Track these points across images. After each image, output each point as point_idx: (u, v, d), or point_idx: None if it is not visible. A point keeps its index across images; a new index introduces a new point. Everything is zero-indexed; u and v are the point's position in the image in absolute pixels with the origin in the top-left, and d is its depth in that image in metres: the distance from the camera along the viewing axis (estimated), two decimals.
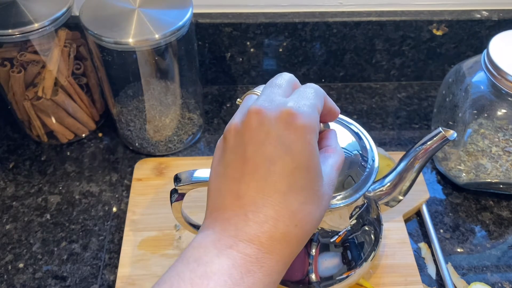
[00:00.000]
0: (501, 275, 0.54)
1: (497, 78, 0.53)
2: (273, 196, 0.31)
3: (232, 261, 0.30)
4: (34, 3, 0.57)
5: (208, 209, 0.34)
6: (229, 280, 0.29)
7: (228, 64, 0.73)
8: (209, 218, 0.33)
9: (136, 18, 0.55)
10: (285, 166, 0.31)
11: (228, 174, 0.33)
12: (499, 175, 0.58)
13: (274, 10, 0.69)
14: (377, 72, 0.76)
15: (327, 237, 0.44)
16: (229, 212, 0.32)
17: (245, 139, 0.32)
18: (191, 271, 0.30)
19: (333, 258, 0.45)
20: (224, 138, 0.34)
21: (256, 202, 0.31)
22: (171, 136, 0.65)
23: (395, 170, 0.45)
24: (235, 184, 0.32)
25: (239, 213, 0.31)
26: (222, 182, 0.33)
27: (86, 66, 0.64)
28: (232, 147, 0.33)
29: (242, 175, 0.32)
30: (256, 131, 0.32)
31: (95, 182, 0.62)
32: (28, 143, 0.67)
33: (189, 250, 0.32)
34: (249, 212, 0.31)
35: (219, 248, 0.31)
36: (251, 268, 0.30)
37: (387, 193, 0.46)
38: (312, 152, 0.32)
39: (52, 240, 0.57)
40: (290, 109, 0.31)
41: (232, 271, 0.29)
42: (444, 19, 0.69)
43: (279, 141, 0.31)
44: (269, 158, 0.31)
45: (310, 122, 0.32)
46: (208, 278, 0.29)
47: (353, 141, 0.44)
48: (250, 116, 0.32)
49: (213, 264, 0.30)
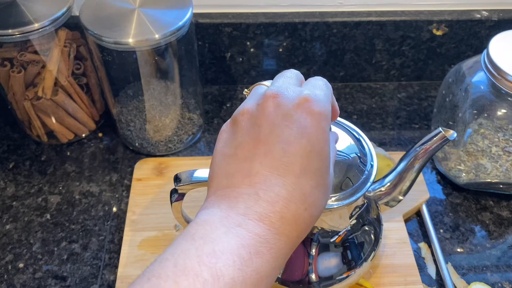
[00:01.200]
0: (501, 275, 0.54)
1: (497, 78, 0.53)
2: (286, 176, 0.31)
3: (241, 240, 0.29)
4: (34, 3, 0.57)
5: (212, 189, 0.33)
6: (238, 260, 0.28)
7: (228, 64, 0.73)
8: (213, 196, 0.32)
9: (136, 18, 0.55)
10: (301, 149, 0.31)
11: (239, 154, 0.32)
12: (499, 175, 0.58)
13: (274, 10, 0.69)
14: (377, 72, 0.76)
15: (327, 237, 0.44)
16: (238, 190, 0.31)
17: (260, 122, 0.32)
18: (197, 249, 0.28)
19: (333, 258, 0.45)
20: (235, 121, 0.34)
21: (269, 181, 0.30)
22: (171, 136, 0.65)
23: (395, 170, 0.45)
24: (246, 163, 0.31)
25: (250, 191, 0.30)
26: (231, 162, 0.32)
27: (86, 66, 0.64)
28: (245, 129, 0.32)
29: (254, 154, 0.31)
30: (273, 114, 0.32)
31: (95, 182, 0.62)
32: (28, 143, 0.67)
33: (193, 227, 0.30)
34: (260, 190, 0.30)
35: (227, 226, 0.29)
36: (260, 249, 0.29)
37: (387, 193, 0.46)
38: (326, 139, 0.32)
39: (52, 240, 0.57)
40: (307, 96, 0.32)
41: (241, 251, 0.28)
42: (444, 19, 0.69)
43: (296, 124, 0.31)
44: (284, 140, 0.31)
45: (326, 110, 0.32)
46: (216, 257, 0.27)
47: (351, 144, 0.44)
48: (267, 99, 0.32)
49: (221, 242, 0.28)
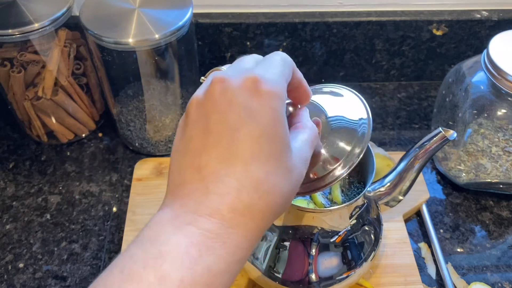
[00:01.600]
0: (501, 275, 0.54)
1: (497, 78, 0.53)
2: (236, 165, 0.29)
3: (190, 238, 0.27)
4: (34, 3, 0.57)
5: (168, 187, 0.31)
6: (186, 260, 0.26)
7: (228, 64, 0.73)
8: (169, 196, 0.30)
9: (136, 18, 0.55)
10: (249, 133, 0.29)
11: (189, 148, 0.30)
12: (499, 175, 0.58)
13: (274, 10, 0.69)
14: (377, 72, 0.76)
15: (327, 237, 0.44)
16: (189, 187, 0.29)
17: (208, 110, 0.30)
18: (144, 252, 0.27)
19: (333, 258, 0.45)
20: (186, 113, 0.32)
21: (218, 172, 0.29)
22: (171, 136, 0.65)
23: (395, 170, 0.45)
24: (196, 157, 0.30)
25: (199, 186, 0.29)
26: (182, 157, 0.30)
27: (86, 66, 0.64)
28: (194, 120, 0.31)
29: (204, 147, 0.30)
30: (219, 100, 0.30)
31: (95, 182, 0.62)
32: (28, 143, 0.67)
33: (145, 230, 0.29)
34: (210, 183, 0.29)
35: (176, 225, 0.28)
36: (212, 245, 0.27)
37: (387, 193, 0.46)
38: (278, 119, 0.30)
39: (52, 240, 0.57)
40: (254, 76, 0.30)
41: (190, 250, 0.27)
42: (444, 19, 0.69)
43: (243, 108, 0.29)
44: (232, 126, 0.29)
45: (276, 88, 0.30)
46: (162, 258, 0.26)
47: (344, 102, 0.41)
48: (213, 86, 0.30)
49: (168, 243, 0.27)
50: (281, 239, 0.44)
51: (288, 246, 0.44)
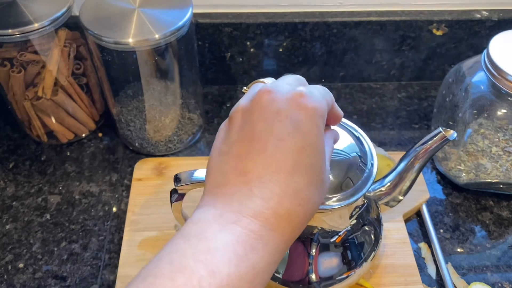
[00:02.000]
0: (501, 275, 0.54)
1: (497, 78, 0.53)
2: (279, 173, 0.31)
3: (236, 237, 0.29)
4: (34, 3, 0.57)
5: (207, 186, 0.33)
6: (233, 257, 0.28)
7: (228, 64, 0.73)
8: (209, 195, 0.32)
9: (136, 18, 0.55)
10: (294, 144, 0.31)
11: (233, 151, 0.32)
12: (499, 175, 0.58)
13: (274, 10, 0.69)
14: (377, 72, 0.76)
15: (327, 237, 0.44)
16: (233, 188, 0.31)
17: (254, 117, 0.32)
18: (192, 247, 0.28)
19: (333, 258, 0.45)
20: (230, 118, 0.34)
21: (262, 178, 0.31)
22: (171, 136, 0.65)
23: (395, 170, 0.45)
24: (240, 161, 0.32)
25: (244, 188, 0.31)
26: (226, 160, 0.32)
27: (86, 66, 0.64)
28: (239, 126, 0.33)
29: (248, 152, 0.31)
30: (266, 109, 0.32)
31: (95, 182, 0.62)
32: (28, 143, 0.67)
33: (188, 226, 0.30)
34: (254, 187, 0.30)
35: (222, 223, 0.29)
36: (255, 245, 0.29)
37: (387, 193, 0.46)
38: (320, 134, 0.32)
39: (52, 240, 0.57)
40: (301, 91, 0.32)
41: (236, 248, 0.28)
42: (444, 19, 0.69)
43: (289, 119, 0.31)
44: (278, 136, 0.31)
45: (320, 106, 0.32)
46: (211, 254, 0.28)
47: (352, 143, 0.44)
48: (261, 95, 0.32)
49: (216, 239, 0.28)
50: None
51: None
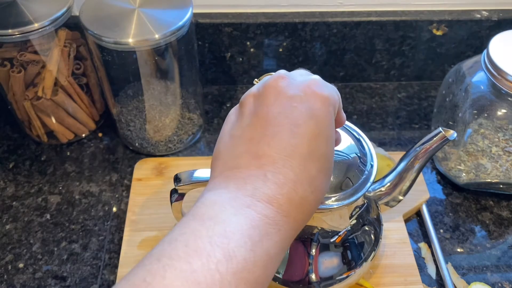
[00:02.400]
0: (501, 275, 0.54)
1: (497, 78, 0.53)
2: (294, 158, 0.30)
3: (251, 221, 0.28)
4: (34, 3, 0.57)
5: (217, 169, 0.32)
6: (249, 241, 0.28)
7: (228, 64, 0.73)
8: (220, 177, 0.31)
9: (136, 18, 0.55)
10: (309, 131, 0.31)
11: (246, 135, 0.32)
12: (499, 175, 0.58)
13: (274, 10, 0.69)
14: (377, 72, 0.76)
15: (327, 237, 0.44)
16: (246, 172, 0.30)
17: (269, 101, 0.32)
18: (207, 229, 0.28)
19: (333, 258, 0.45)
20: (241, 103, 0.33)
21: (276, 163, 0.30)
22: (171, 136, 0.65)
23: (395, 170, 0.45)
24: (253, 145, 0.31)
25: (258, 173, 0.30)
26: (239, 143, 0.32)
27: (86, 66, 0.64)
28: (252, 110, 0.32)
29: (262, 136, 0.31)
30: (281, 94, 0.31)
31: (95, 182, 0.62)
32: (28, 143, 0.67)
33: (201, 208, 0.29)
34: (268, 172, 0.30)
35: (236, 207, 0.29)
36: (269, 231, 0.29)
37: (387, 193, 0.46)
38: (333, 124, 0.32)
39: (52, 240, 0.57)
40: (316, 79, 0.32)
41: (251, 232, 0.28)
42: (444, 19, 0.69)
43: (305, 105, 0.31)
44: (293, 121, 0.31)
45: (333, 95, 0.32)
46: (227, 238, 0.27)
47: (351, 144, 0.44)
48: (276, 80, 0.32)
49: (231, 223, 0.28)
50: None
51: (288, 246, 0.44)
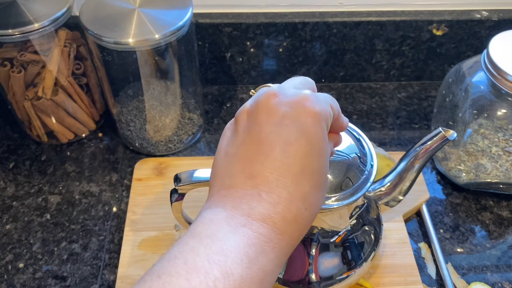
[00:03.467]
0: (501, 275, 0.54)
1: (497, 78, 0.53)
2: (287, 177, 0.31)
3: (247, 239, 0.29)
4: (34, 3, 0.57)
5: (214, 188, 0.33)
6: (245, 259, 0.29)
7: (228, 64, 0.73)
8: (216, 196, 0.32)
9: (136, 18, 0.55)
10: (301, 149, 0.31)
11: (240, 153, 0.33)
12: (499, 175, 0.58)
13: (274, 10, 0.69)
14: (377, 72, 0.76)
15: (327, 237, 0.44)
16: (241, 191, 0.31)
17: (261, 120, 0.32)
18: (205, 247, 0.29)
19: (333, 258, 0.45)
20: (236, 119, 0.34)
21: (271, 183, 0.31)
22: (171, 136, 0.65)
23: (395, 170, 0.45)
24: (248, 164, 0.32)
25: (252, 192, 0.31)
26: (234, 162, 0.33)
27: (86, 66, 0.64)
28: (246, 128, 0.33)
29: (256, 155, 0.32)
30: (272, 112, 0.32)
31: (95, 182, 0.62)
32: (28, 143, 0.67)
33: (198, 226, 0.30)
34: (262, 192, 0.31)
35: (233, 225, 0.30)
36: (265, 248, 0.30)
37: (387, 193, 0.46)
38: (325, 138, 0.32)
39: (52, 240, 0.57)
40: (306, 95, 0.32)
41: (248, 250, 0.29)
42: (444, 19, 0.69)
43: (296, 123, 0.31)
44: (285, 139, 0.31)
45: (325, 110, 0.33)
46: (225, 256, 0.28)
47: (351, 144, 0.44)
48: (267, 98, 0.32)
49: (228, 241, 0.29)
50: None
51: None
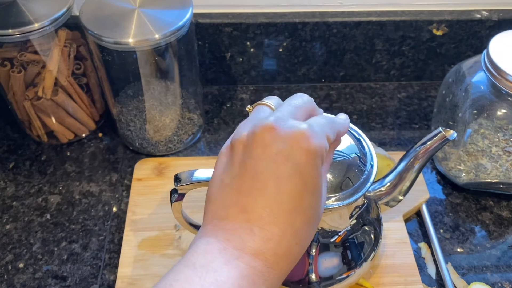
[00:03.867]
0: (501, 275, 0.54)
1: (497, 78, 0.53)
2: (279, 215, 0.32)
3: (240, 271, 0.30)
4: (34, 3, 0.57)
5: (208, 216, 0.34)
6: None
7: (228, 64, 0.73)
8: (210, 225, 0.33)
9: (136, 18, 0.55)
10: (294, 187, 0.32)
11: (235, 186, 0.33)
12: (499, 175, 0.58)
13: (274, 10, 0.69)
14: (377, 72, 0.76)
15: (327, 237, 0.44)
16: (234, 224, 0.32)
17: (256, 154, 0.32)
18: (200, 277, 0.30)
19: (333, 258, 0.45)
20: (232, 147, 0.34)
21: (263, 218, 0.32)
22: (171, 136, 0.65)
23: (395, 170, 0.45)
24: (242, 197, 0.33)
25: (245, 226, 0.32)
26: (228, 193, 0.33)
27: (86, 66, 0.64)
28: (241, 160, 0.33)
29: (250, 189, 0.32)
30: (267, 148, 0.32)
31: (95, 182, 0.62)
32: (28, 143, 0.67)
33: (193, 255, 0.31)
34: (255, 227, 0.32)
35: (226, 257, 0.31)
36: (257, 281, 0.31)
37: (387, 193, 0.46)
38: (319, 175, 0.33)
39: (52, 240, 0.57)
40: (303, 131, 0.32)
41: (241, 282, 0.30)
42: (444, 19, 0.69)
43: (291, 161, 0.32)
44: (279, 176, 0.32)
45: (321, 146, 0.33)
46: (218, 286, 0.29)
47: (351, 144, 0.44)
48: (263, 131, 0.32)
49: (222, 272, 0.30)
50: None
51: None
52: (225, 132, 0.69)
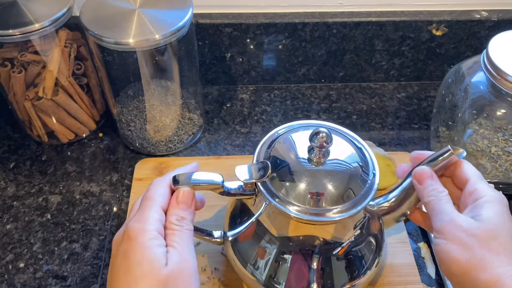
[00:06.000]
0: None
1: (497, 78, 0.53)
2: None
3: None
4: (35, 3, 0.57)
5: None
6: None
7: (228, 64, 0.73)
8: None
9: (137, 19, 0.55)
10: (123, 274, 0.37)
11: (109, 276, 0.40)
12: (499, 175, 0.58)
13: (274, 10, 0.69)
14: (377, 72, 0.76)
15: (329, 249, 0.44)
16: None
17: (113, 252, 0.41)
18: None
19: (334, 269, 0.44)
20: (113, 243, 0.41)
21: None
22: (171, 136, 0.65)
23: (401, 186, 0.44)
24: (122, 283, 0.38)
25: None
26: (110, 277, 0.39)
27: (87, 66, 0.64)
28: (114, 254, 0.40)
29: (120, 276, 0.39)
30: (114, 250, 0.41)
31: (96, 182, 0.63)
32: (29, 143, 0.67)
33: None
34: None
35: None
36: None
37: (392, 208, 0.45)
38: (143, 249, 0.38)
39: (53, 240, 0.57)
40: (125, 231, 0.39)
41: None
42: (444, 19, 0.69)
43: (120, 252, 0.39)
44: (115, 270, 0.39)
45: (140, 231, 0.38)
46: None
47: (353, 153, 0.43)
48: (115, 243, 0.41)
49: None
50: (282, 250, 0.44)
51: (289, 257, 0.44)
52: (225, 132, 0.69)
